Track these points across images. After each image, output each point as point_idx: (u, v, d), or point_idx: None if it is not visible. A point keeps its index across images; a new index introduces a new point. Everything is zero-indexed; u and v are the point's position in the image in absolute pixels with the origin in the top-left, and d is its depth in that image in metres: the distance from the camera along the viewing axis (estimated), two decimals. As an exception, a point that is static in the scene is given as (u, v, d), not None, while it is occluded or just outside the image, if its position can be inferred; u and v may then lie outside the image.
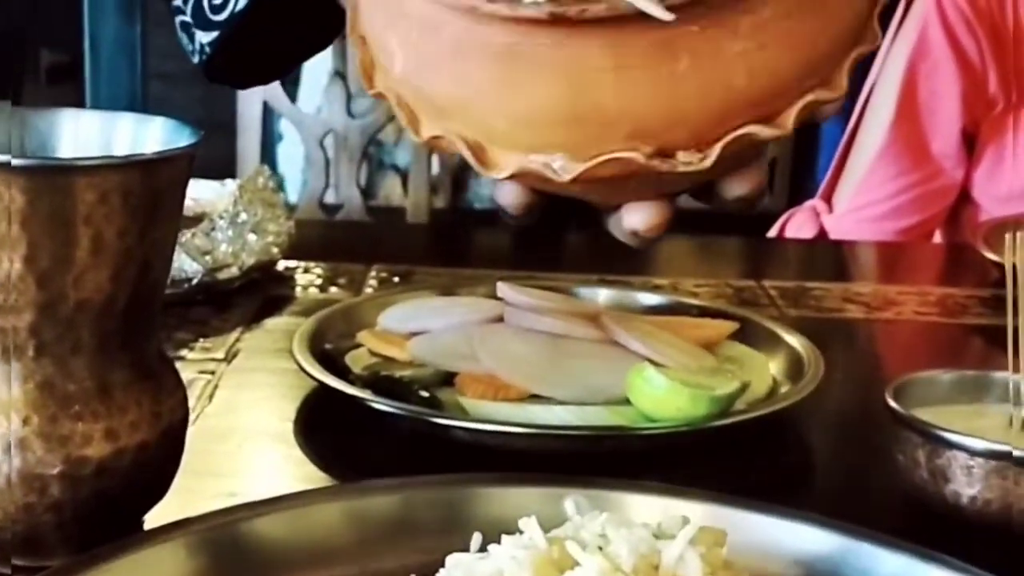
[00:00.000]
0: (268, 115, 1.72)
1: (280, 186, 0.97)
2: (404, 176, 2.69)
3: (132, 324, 0.50)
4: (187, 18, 0.71)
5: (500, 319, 0.76)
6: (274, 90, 1.65)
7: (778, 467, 0.70)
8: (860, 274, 1.20)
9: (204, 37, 0.71)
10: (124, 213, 0.48)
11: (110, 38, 1.85)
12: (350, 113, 1.70)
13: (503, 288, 0.79)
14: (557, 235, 1.57)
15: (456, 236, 1.41)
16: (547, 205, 0.58)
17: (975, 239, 1.06)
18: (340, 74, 1.70)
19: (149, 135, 0.55)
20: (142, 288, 0.50)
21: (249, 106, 1.65)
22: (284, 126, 2.59)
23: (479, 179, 2.80)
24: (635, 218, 0.58)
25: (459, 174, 2.77)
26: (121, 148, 0.55)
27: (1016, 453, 0.60)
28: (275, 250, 0.93)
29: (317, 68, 2.40)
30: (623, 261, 1.22)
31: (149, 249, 0.50)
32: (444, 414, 0.67)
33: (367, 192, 2.67)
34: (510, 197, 0.58)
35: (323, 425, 0.71)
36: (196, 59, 0.73)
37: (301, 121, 1.69)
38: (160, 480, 0.53)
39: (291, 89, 2.17)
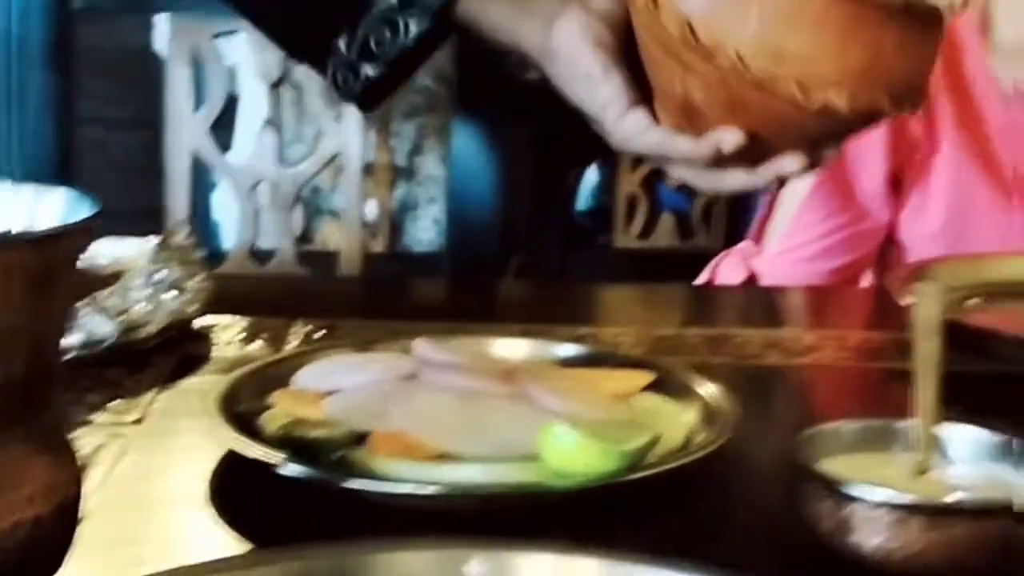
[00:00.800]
0: (199, 163, 1.71)
1: (202, 241, 0.97)
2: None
3: (27, 398, 0.50)
4: (350, 57, 0.83)
5: (416, 376, 0.76)
6: (203, 140, 1.65)
7: (692, 519, 0.70)
8: (783, 319, 1.22)
9: (370, 71, 0.83)
10: (17, 290, 0.48)
11: (36, 88, 1.84)
12: (282, 161, 1.70)
13: (419, 345, 0.79)
14: (490, 284, 1.58)
15: (384, 287, 1.41)
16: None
17: (891, 283, 1.08)
18: (272, 122, 1.70)
19: (48, 207, 0.54)
20: (36, 362, 0.50)
21: (177, 156, 1.65)
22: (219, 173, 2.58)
23: (416, 223, 2.80)
24: (791, 163, 0.77)
25: (396, 218, 2.78)
26: (19, 221, 0.54)
27: (917, 502, 0.61)
28: (193, 307, 0.93)
29: (249, 115, 2.40)
30: (549, 309, 1.23)
31: (43, 324, 0.49)
32: (353, 476, 0.67)
33: (305, 237, 2.67)
34: (732, 138, 0.75)
35: (237, 489, 0.71)
36: (356, 88, 0.85)
37: (231, 171, 1.68)
38: (54, 555, 0.52)
39: (224, 135, 2.16)
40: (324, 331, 0.99)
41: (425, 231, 2.77)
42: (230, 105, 2.56)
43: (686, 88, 0.75)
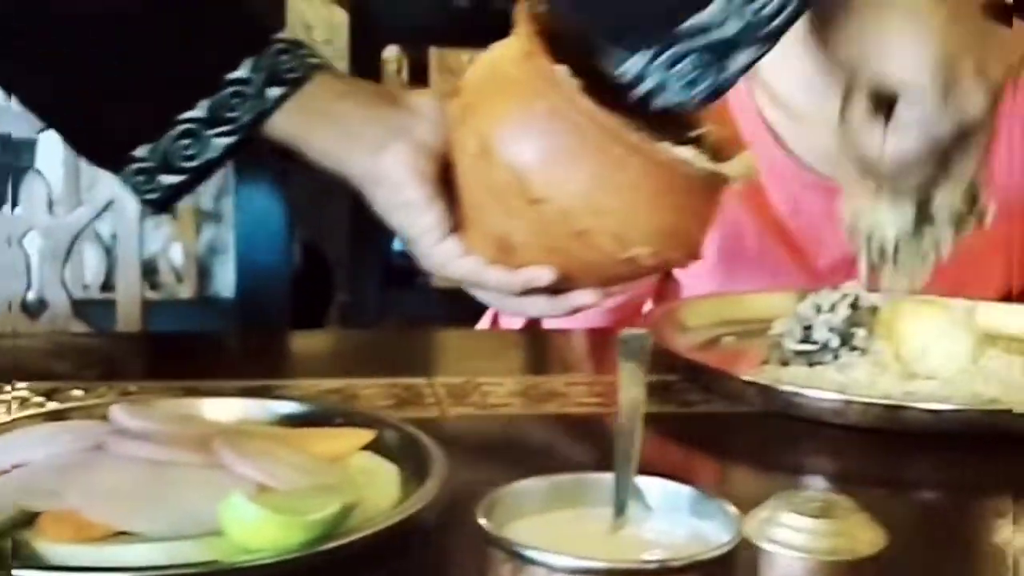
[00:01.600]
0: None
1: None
2: (148, 266, 2.62)
3: None
4: (149, 165, 0.81)
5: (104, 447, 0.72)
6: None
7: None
8: (542, 365, 1.19)
9: (169, 179, 0.82)
10: None
11: None
12: (52, 211, 1.63)
13: (115, 411, 0.75)
14: (271, 335, 1.53)
15: (142, 342, 1.35)
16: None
17: (644, 324, 1.07)
18: (39, 171, 1.63)
19: None
20: None
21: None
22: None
23: (225, 267, 2.74)
24: (586, 297, 0.85)
25: (204, 263, 2.71)
26: None
27: (598, 565, 0.59)
28: None
29: (45, 163, 2.31)
30: (306, 361, 1.20)
31: None
32: (17, 563, 0.62)
33: (107, 286, 2.57)
34: (545, 276, 0.83)
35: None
36: (152, 196, 0.84)
37: (-6, 222, 1.60)
38: None
39: None
40: (43, 397, 0.94)
41: (230, 275, 2.70)
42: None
43: (509, 229, 0.82)
